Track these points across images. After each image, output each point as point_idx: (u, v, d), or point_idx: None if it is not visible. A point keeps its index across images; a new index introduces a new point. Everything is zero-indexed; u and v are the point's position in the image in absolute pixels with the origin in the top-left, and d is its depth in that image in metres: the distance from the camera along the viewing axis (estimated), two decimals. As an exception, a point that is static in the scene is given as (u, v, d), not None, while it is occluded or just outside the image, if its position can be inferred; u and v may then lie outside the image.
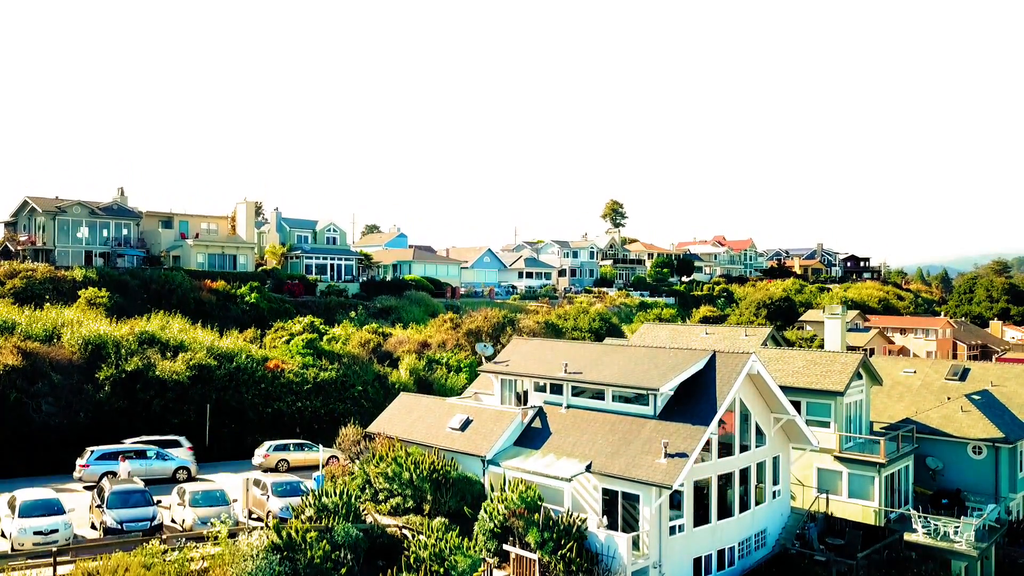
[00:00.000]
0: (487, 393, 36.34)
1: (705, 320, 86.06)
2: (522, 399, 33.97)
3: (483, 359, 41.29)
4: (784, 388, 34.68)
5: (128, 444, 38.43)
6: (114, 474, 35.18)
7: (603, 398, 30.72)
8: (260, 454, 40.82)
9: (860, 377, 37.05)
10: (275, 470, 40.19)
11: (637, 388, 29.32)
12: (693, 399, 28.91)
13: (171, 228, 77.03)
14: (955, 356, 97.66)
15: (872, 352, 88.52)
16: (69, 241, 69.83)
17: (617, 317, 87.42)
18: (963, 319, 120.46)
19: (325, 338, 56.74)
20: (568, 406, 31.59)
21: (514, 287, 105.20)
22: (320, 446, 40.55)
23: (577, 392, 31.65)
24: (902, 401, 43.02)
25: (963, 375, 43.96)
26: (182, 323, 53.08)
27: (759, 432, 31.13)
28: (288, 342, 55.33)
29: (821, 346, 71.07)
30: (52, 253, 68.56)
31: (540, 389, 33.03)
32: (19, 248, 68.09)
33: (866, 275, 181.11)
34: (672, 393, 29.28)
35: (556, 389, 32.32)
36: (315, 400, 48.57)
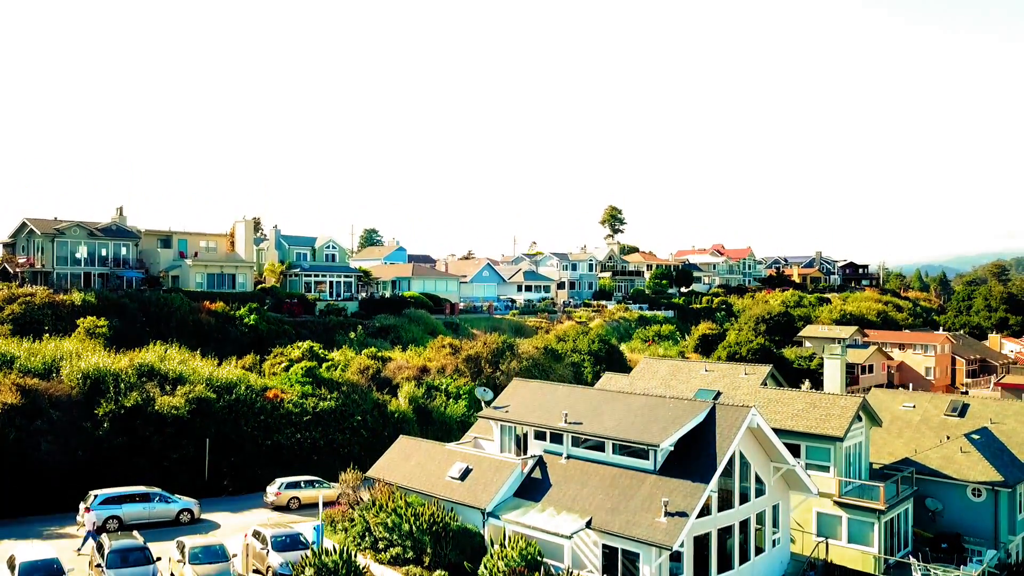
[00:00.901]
0: (486, 439, 36.32)
1: (704, 338, 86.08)
2: (522, 444, 33.96)
3: (483, 403, 41.30)
4: (783, 432, 34.80)
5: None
6: (118, 519, 35.21)
7: (603, 449, 30.72)
8: (272, 492, 40.74)
9: (860, 420, 37.07)
10: (287, 507, 40.17)
11: (637, 443, 29.33)
12: (693, 454, 28.91)
13: (170, 247, 76.86)
14: (954, 371, 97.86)
15: (871, 368, 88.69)
16: (68, 263, 69.69)
17: (616, 335, 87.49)
18: (961, 331, 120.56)
19: (324, 365, 56.64)
20: (568, 456, 31.59)
21: (513, 301, 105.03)
22: (327, 483, 40.85)
23: (577, 442, 31.64)
24: (901, 437, 43.05)
25: (962, 411, 43.96)
26: (181, 353, 52.93)
27: (759, 481, 31.14)
28: (287, 369, 55.25)
29: (820, 366, 71.16)
30: (51, 275, 68.40)
31: (540, 437, 33.03)
32: (17, 270, 67.91)
33: (864, 282, 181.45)
34: (672, 448, 29.28)
35: (556, 438, 32.31)
36: (315, 431, 48.39)
